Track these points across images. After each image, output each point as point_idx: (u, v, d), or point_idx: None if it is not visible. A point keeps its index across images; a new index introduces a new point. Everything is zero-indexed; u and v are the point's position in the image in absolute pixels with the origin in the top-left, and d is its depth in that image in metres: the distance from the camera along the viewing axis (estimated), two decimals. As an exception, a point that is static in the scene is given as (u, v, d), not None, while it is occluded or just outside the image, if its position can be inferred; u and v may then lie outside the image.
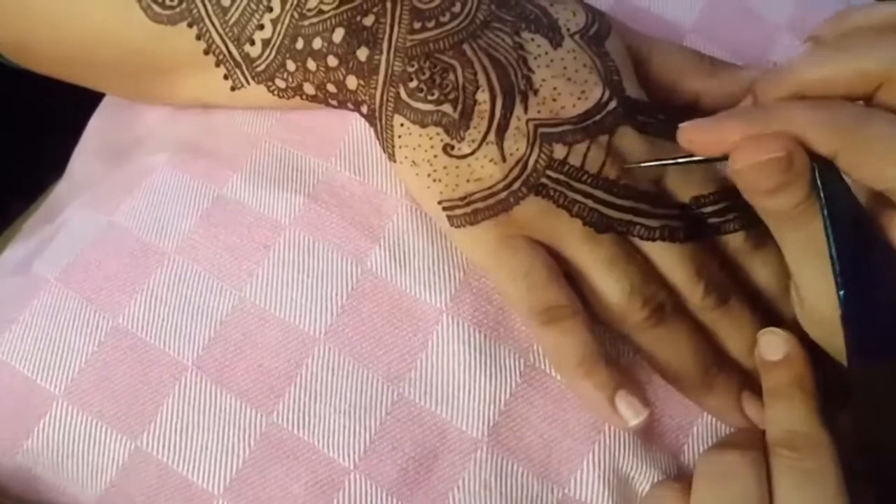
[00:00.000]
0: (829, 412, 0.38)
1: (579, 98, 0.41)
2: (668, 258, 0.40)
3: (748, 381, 0.41)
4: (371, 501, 0.39)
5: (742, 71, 0.44)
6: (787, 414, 0.39)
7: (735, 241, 0.41)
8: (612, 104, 0.41)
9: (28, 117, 0.68)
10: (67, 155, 0.53)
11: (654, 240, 0.40)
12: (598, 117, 0.40)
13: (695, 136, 0.37)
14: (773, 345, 0.40)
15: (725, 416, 0.41)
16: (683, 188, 0.41)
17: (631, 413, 0.39)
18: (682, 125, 0.37)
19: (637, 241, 0.40)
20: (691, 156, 0.38)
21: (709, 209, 0.41)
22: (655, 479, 0.40)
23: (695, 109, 0.44)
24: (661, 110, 0.42)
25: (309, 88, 0.43)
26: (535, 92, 0.41)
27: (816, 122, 0.34)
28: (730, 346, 0.41)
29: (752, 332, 0.41)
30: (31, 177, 0.60)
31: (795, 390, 0.39)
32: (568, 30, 0.42)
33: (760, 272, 0.41)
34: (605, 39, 0.42)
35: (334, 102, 0.43)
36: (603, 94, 0.41)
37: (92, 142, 0.51)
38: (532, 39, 0.41)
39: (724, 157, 0.36)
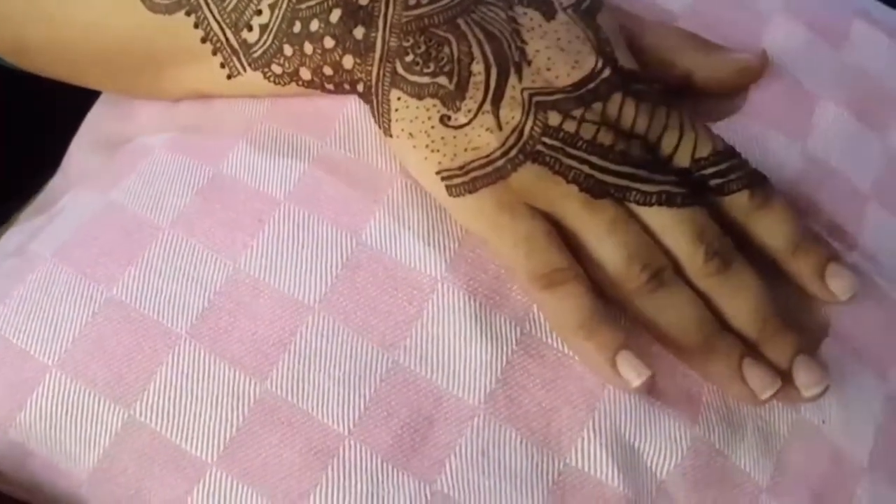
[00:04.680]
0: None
1: (573, 67, 0.41)
2: (667, 224, 0.40)
3: (749, 350, 0.40)
4: (366, 468, 0.38)
5: (734, 53, 0.45)
6: None
7: (740, 200, 0.41)
8: (606, 72, 0.41)
9: (27, 118, 0.68)
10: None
11: (650, 205, 0.40)
12: (591, 85, 0.41)
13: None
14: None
15: (726, 383, 0.40)
16: (682, 152, 0.41)
17: (633, 374, 0.38)
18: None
19: (635, 207, 0.40)
20: None
21: (710, 170, 0.41)
22: (666, 451, 0.39)
23: (686, 87, 0.44)
24: (654, 80, 0.42)
25: (305, 73, 0.43)
26: (529, 62, 0.41)
27: None
28: (730, 312, 0.40)
29: (754, 298, 0.40)
30: (30, 177, 0.60)
31: None
32: (560, 4, 0.42)
33: (768, 229, 0.41)
34: (596, 13, 0.43)
35: (330, 86, 0.44)
36: (596, 63, 0.41)
37: (88, 135, 0.52)
38: (525, 13, 0.42)
39: None
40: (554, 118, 0.40)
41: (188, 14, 0.44)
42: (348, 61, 0.42)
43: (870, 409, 0.43)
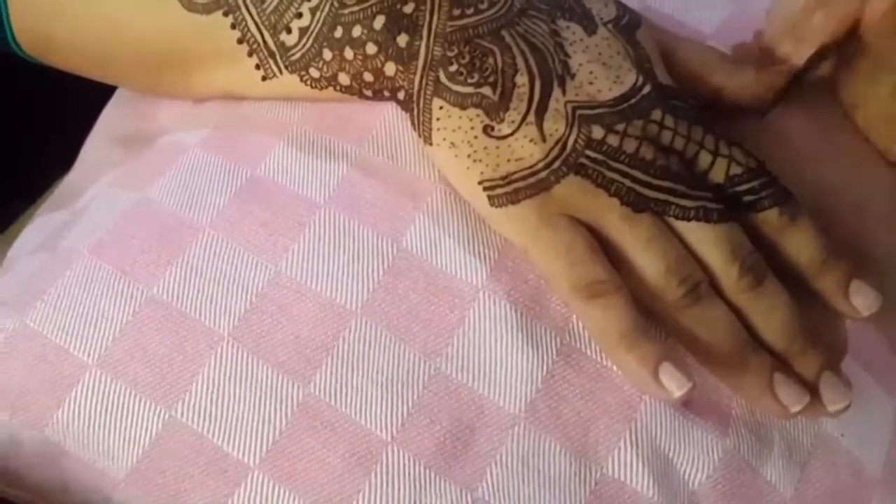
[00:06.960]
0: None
1: (615, 82, 0.42)
2: (703, 239, 0.41)
3: (780, 365, 0.41)
4: (408, 474, 0.38)
5: (764, 72, 0.45)
6: None
7: (770, 217, 0.41)
8: (647, 88, 0.42)
9: (31, 118, 0.68)
10: (71, 156, 0.53)
11: (688, 220, 0.40)
12: (633, 100, 0.41)
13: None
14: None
15: (757, 397, 0.41)
16: (717, 169, 0.41)
17: (675, 385, 0.39)
18: None
19: (673, 221, 0.41)
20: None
21: (743, 187, 0.41)
22: (699, 462, 0.40)
23: (716, 104, 0.45)
24: (689, 96, 0.43)
25: (343, 78, 0.43)
26: (573, 76, 0.41)
27: None
28: (762, 327, 0.41)
29: (785, 314, 0.41)
30: (34, 178, 0.60)
31: None
32: (601, 19, 0.43)
33: (797, 246, 0.41)
34: (635, 30, 0.43)
35: (369, 93, 0.44)
36: (637, 78, 0.42)
37: (108, 129, 0.51)
38: (567, 27, 0.42)
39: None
40: (597, 132, 0.41)
41: (226, 14, 0.44)
42: (390, 68, 0.42)
43: (882, 423, 0.45)
